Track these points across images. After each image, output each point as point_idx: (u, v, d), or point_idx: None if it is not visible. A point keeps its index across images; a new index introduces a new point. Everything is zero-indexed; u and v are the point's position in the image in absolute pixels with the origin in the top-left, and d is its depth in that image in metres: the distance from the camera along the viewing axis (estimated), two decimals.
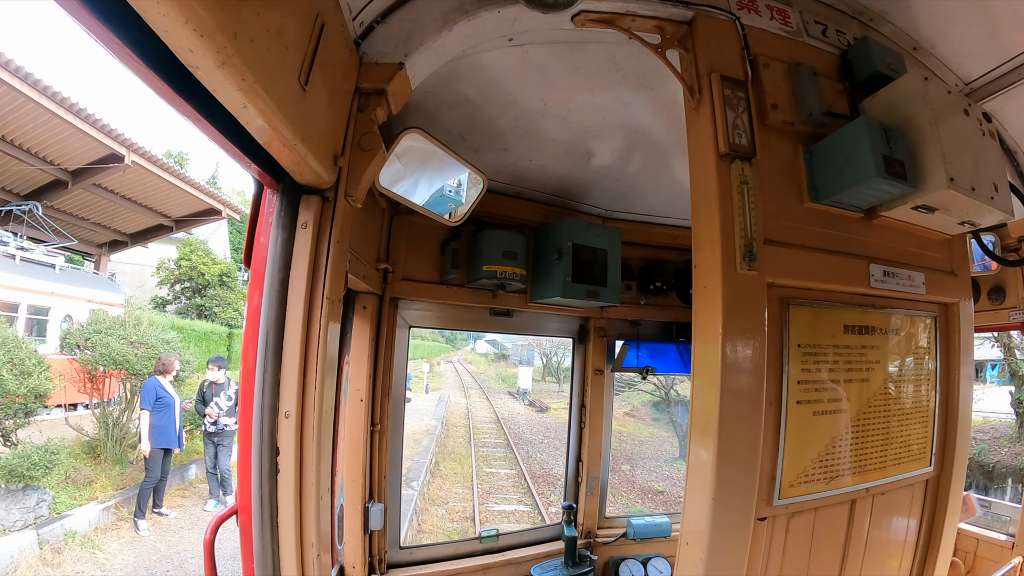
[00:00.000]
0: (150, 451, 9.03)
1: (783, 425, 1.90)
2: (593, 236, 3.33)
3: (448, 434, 20.05)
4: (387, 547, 3.21)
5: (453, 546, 3.55)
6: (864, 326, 2.15)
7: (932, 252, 2.40)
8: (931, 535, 2.50)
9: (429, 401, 26.88)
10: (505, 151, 3.12)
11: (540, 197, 3.61)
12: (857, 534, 2.20)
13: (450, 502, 12.98)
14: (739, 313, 1.79)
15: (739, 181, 1.84)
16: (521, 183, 3.45)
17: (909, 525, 2.44)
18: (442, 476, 14.82)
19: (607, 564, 3.88)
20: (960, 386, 2.46)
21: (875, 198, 1.97)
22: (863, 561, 2.24)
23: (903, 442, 2.31)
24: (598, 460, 3.97)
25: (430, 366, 39.83)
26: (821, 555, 2.12)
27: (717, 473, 1.74)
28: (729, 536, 1.79)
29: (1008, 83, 2.89)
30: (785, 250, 1.92)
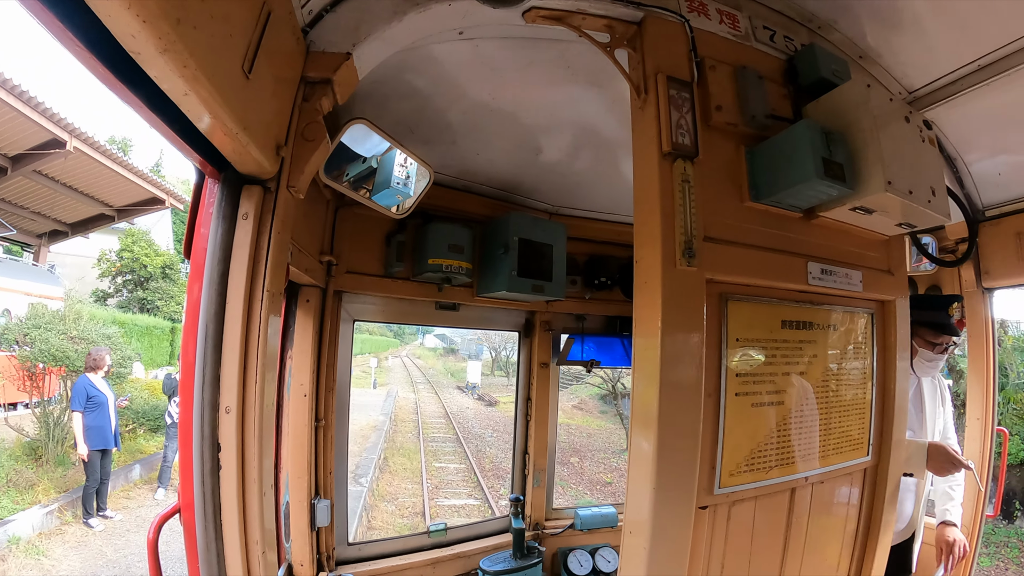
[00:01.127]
0: (87, 454, 8.62)
1: (722, 416, 1.89)
2: (539, 231, 3.28)
3: (396, 429, 19.66)
4: (335, 544, 3.14)
5: (402, 541, 3.49)
6: (802, 321, 2.14)
7: (870, 252, 2.40)
8: (870, 521, 2.50)
9: (377, 396, 26.31)
10: (453, 144, 3.05)
11: (488, 191, 3.56)
12: (798, 521, 2.19)
13: (400, 498, 12.78)
14: (678, 308, 1.76)
15: (681, 180, 1.81)
16: (469, 177, 3.40)
17: (849, 512, 2.44)
18: (391, 472, 14.58)
19: (555, 555, 3.86)
20: (896, 379, 2.47)
21: (814, 199, 1.96)
22: (804, 547, 2.24)
23: (841, 432, 2.31)
24: (544, 452, 3.93)
25: (377, 361, 38.96)
26: (763, 542, 2.11)
27: (657, 463, 1.72)
28: (671, 525, 1.77)
29: (949, 94, 2.90)
30: (724, 247, 1.90)
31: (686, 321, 1.77)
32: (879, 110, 1.92)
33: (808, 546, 2.25)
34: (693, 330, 1.79)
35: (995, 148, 3.48)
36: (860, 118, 1.92)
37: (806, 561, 2.26)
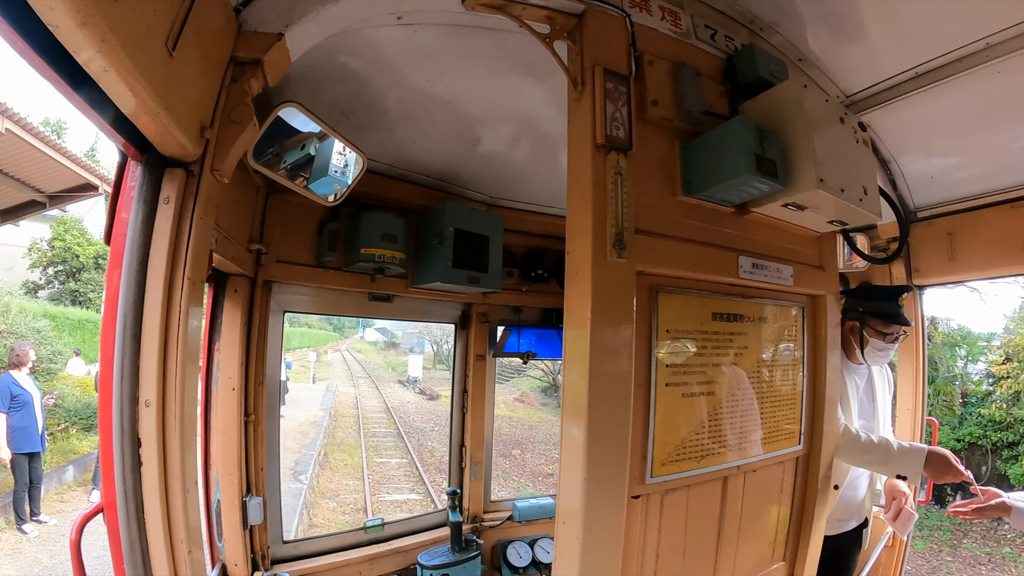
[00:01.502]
0: (11, 457, 8.01)
1: (652, 406, 1.89)
2: (476, 222, 3.25)
3: (337, 425, 19.18)
4: (269, 542, 3.03)
5: (338, 538, 3.41)
6: (732, 314, 2.16)
7: (802, 247, 2.43)
8: (803, 509, 2.55)
9: (316, 391, 25.68)
10: (389, 132, 2.98)
11: (424, 180, 3.49)
12: (731, 509, 2.22)
13: (341, 494, 12.47)
14: (608, 299, 1.75)
15: (614, 172, 1.80)
16: (405, 165, 3.32)
17: (782, 499, 2.48)
18: (332, 468, 14.20)
19: (495, 547, 3.84)
20: (827, 371, 2.51)
21: (746, 194, 1.97)
22: (739, 534, 2.27)
23: (773, 422, 2.34)
24: (481, 445, 3.90)
25: (317, 355, 37.84)
26: (697, 530, 2.12)
27: (588, 453, 1.71)
28: (603, 514, 1.76)
29: (885, 99, 2.95)
30: (656, 240, 1.90)
31: (616, 312, 1.77)
32: (814, 109, 1.95)
33: (742, 533, 2.28)
34: (623, 321, 1.78)
35: (928, 152, 3.55)
36: (795, 116, 1.93)
37: (741, 548, 2.29)
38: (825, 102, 2.02)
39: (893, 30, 2.49)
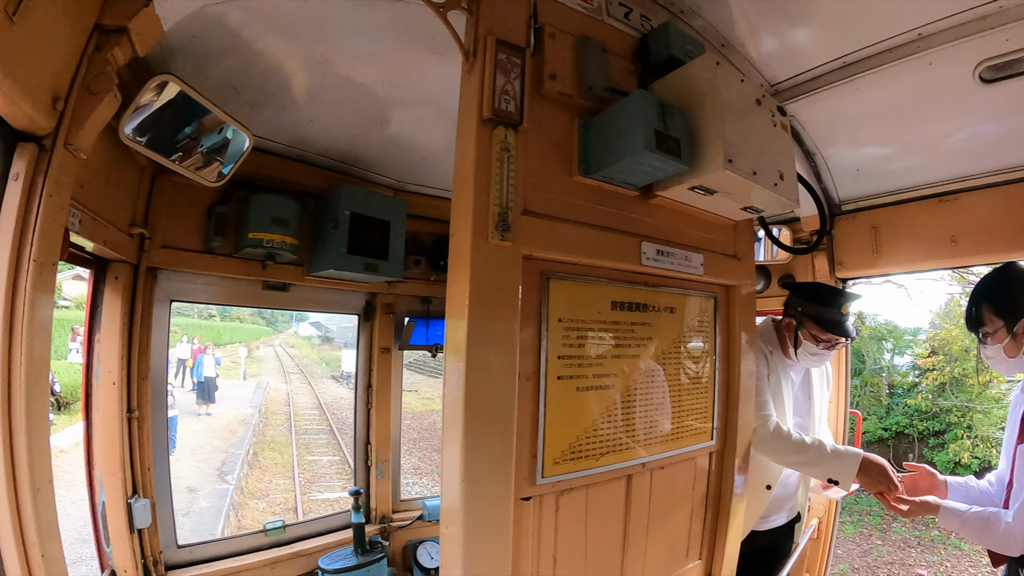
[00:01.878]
0: None
1: (542, 401, 1.73)
2: (375, 206, 3.06)
3: (267, 423, 18.64)
4: (162, 547, 2.80)
5: (237, 542, 3.18)
6: (635, 303, 2.01)
7: (715, 235, 2.31)
8: (719, 505, 2.44)
9: (246, 388, 25.10)
10: (284, 109, 2.76)
11: (325, 162, 3.26)
12: (638, 508, 2.07)
13: (271, 494, 12.04)
14: (488, 285, 1.59)
15: (500, 148, 1.64)
16: (304, 146, 3.10)
17: (695, 497, 2.35)
18: (261, 467, 13.70)
19: (405, 548, 3.68)
20: (740, 364, 2.40)
21: (647, 175, 1.82)
22: (648, 534, 2.13)
23: (682, 417, 2.21)
24: (387, 442, 3.72)
25: (248, 351, 36.72)
26: (600, 531, 1.97)
27: (465, 453, 1.55)
28: (486, 517, 1.61)
29: (811, 88, 2.87)
30: (547, 222, 1.74)
31: (498, 299, 1.60)
32: (726, 88, 1.81)
33: (652, 533, 2.14)
34: (505, 309, 1.62)
35: (855, 144, 3.50)
36: (705, 95, 1.80)
37: (651, 548, 2.15)
38: (741, 82, 1.89)
39: (821, 18, 2.41)
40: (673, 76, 1.95)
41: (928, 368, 13.37)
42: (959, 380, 12.85)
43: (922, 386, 13.39)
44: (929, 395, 13.18)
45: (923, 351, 14.01)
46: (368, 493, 3.68)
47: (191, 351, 20.50)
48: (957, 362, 12.89)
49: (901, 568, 10.09)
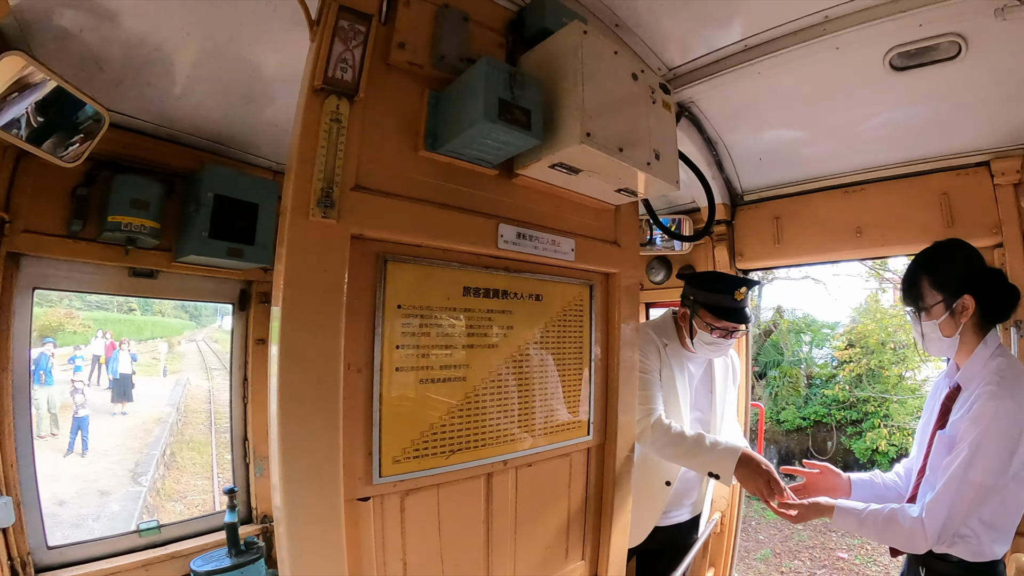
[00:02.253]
0: None
1: (377, 395, 1.58)
2: (242, 188, 2.86)
3: (186, 421, 18.16)
4: (30, 548, 2.57)
5: (111, 542, 2.95)
6: (492, 289, 1.87)
7: (591, 220, 2.20)
8: (601, 503, 2.34)
9: (165, 385, 24.40)
10: (150, 86, 2.56)
11: (198, 143, 3.05)
12: (501, 509, 1.95)
13: (189, 495, 11.59)
14: (307, 266, 1.44)
15: (330, 119, 1.49)
16: (173, 124, 2.88)
17: (572, 494, 2.24)
18: (179, 468, 13.23)
19: None
20: (620, 356, 2.30)
21: (495, 149, 1.68)
22: (516, 535, 2.01)
23: (552, 412, 2.09)
24: (266, 439, 3.50)
25: (169, 346, 35.52)
26: (457, 533, 1.83)
27: (283, 449, 1.40)
28: (312, 517, 1.45)
29: (710, 73, 2.80)
30: (385, 200, 1.59)
31: (318, 282, 1.45)
32: (593, 58, 1.68)
33: (522, 535, 2.02)
34: (328, 293, 1.46)
35: (757, 133, 3.46)
36: (567, 64, 1.67)
37: (522, 550, 2.03)
38: (614, 54, 1.77)
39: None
40: (539, 48, 1.83)
41: (845, 360, 13.77)
42: (875, 372, 13.29)
43: (840, 377, 13.77)
44: (847, 386, 13.60)
45: (841, 344, 14.43)
46: (248, 492, 3.48)
47: (105, 347, 19.63)
48: (874, 354, 13.33)
49: (822, 552, 10.36)
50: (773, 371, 15.05)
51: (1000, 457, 1.89)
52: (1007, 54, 2.44)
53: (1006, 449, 1.89)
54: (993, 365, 2.03)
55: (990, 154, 2.99)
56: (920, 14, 2.24)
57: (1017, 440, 1.89)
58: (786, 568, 9.84)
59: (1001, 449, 1.89)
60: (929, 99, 2.85)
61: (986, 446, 1.90)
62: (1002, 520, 1.99)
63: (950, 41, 2.41)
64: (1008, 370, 2.00)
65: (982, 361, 2.08)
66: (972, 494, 1.92)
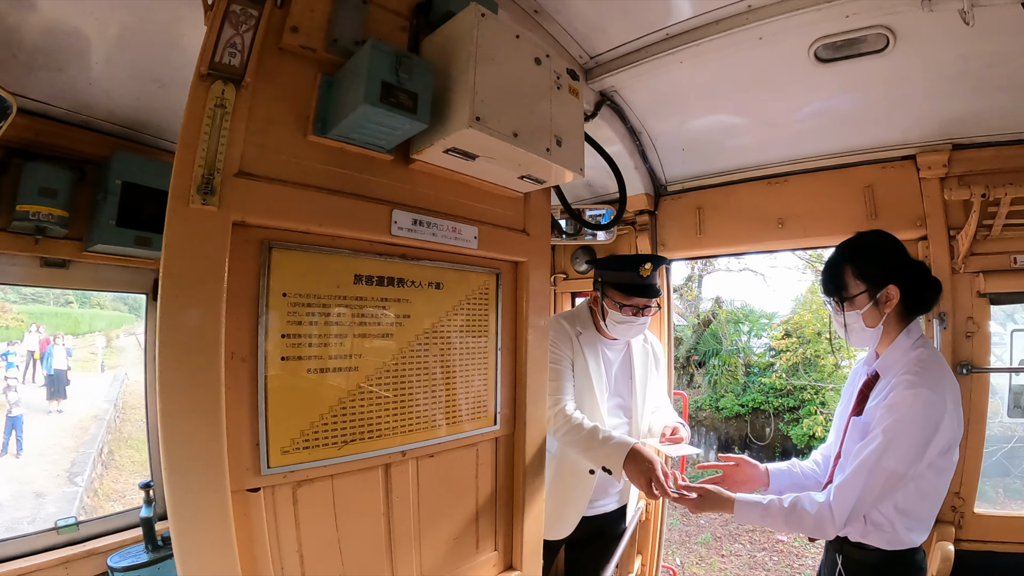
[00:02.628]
0: None
1: (262, 384, 1.55)
2: (152, 174, 2.79)
3: (125, 417, 17.65)
4: None
5: (29, 541, 2.87)
6: (387, 277, 1.84)
7: (497, 207, 2.19)
8: (512, 493, 2.34)
9: (103, 381, 23.54)
10: (61, 71, 2.47)
11: (111, 129, 2.94)
12: (401, 501, 1.92)
13: (128, 495, 11.29)
14: (187, 255, 1.39)
15: (214, 104, 1.45)
16: (87, 111, 2.78)
17: (480, 485, 2.23)
18: (117, 467, 12.91)
19: None
20: (529, 345, 2.29)
21: (382, 133, 1.65)
22: (419, 526, 1.98)
23: (453, 402, 2.08)
24: None
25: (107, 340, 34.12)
26: (355, 525, 1.80)
27: (165, 439, 1.36)
28: (202, 509, 1.42)
29: (632, 61, 2.81)
30: (269, 186, 1.55)
31: (198, 271, 1.41)
32: (489, 41, 1.66)
33: (426, 526, 2.01)
34: (208, 282, 1.42)
35: (681, 123, 3.49)
36: (462, 47, 1.65)
37: (428, 542, 2.02)
38: (516, 38, 1.75)
39: None
40: (439, 31, 1.80)
41: (782, 349, 14.26)
42: (812, 361, 13.80)
43: (777, 366, 14.26)
44: (784, 374, 14.09)
45: (778, 334, 14.91)
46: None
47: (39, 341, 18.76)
48: (810, 344, 13.84)
49: (762, 535, 10.67)
50: (713, 360, 15.45)
51: (915, 446, 1.93)
52: (935, 47, 2.50)
53: (921, 438, 1.93)
54: (914, 355, 2.07)
55: (917, 148, 3.08)
56: (847, 5, 2.28)
57: (933, 430, 1.93)
58: (727, 551, 10.09)
59: (917, 438, 1.93)
60: (856, 92, 2.90)
61: (901, 435, 1.94)
62: (917, 509, 2.04)
63: (877, 33, 2.46)
64: (929, 360, 2.05)
65: (903, 350, 2.11)
66: (883, 481, 1.95)
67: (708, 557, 9.84)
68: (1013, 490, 3.28)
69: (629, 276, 2.77)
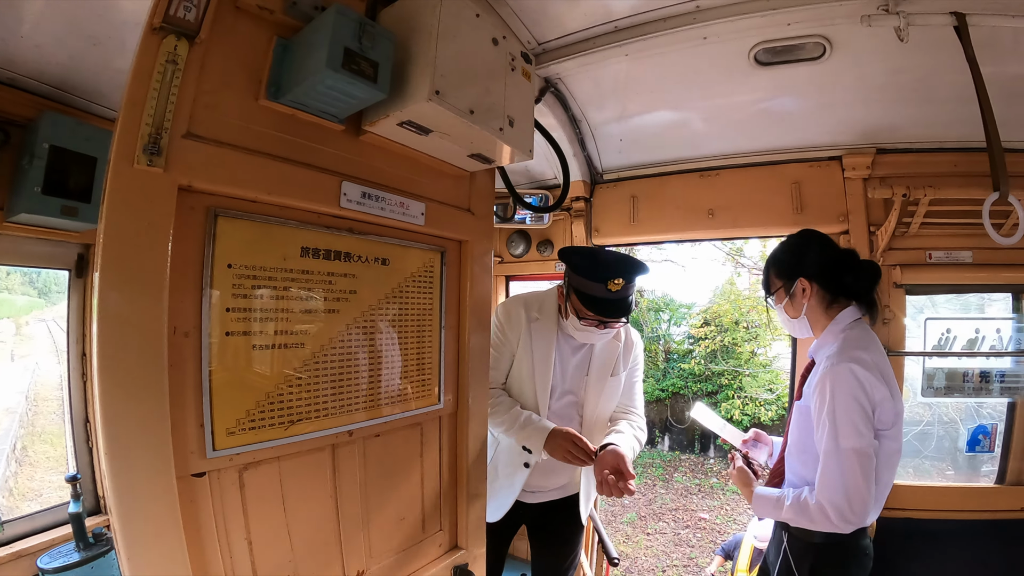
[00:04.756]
0: None
1: (207, 361, 1.47)
2: (82, 139, 2.60)
3: (37, 410, 16.67)
4: None
5: None
6: (333, 251, 1.79)
7: (444, 185, 2.17)
8: (457, 471, 2.34)
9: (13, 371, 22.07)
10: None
11: (40, 88, 2.71)
12: (349, 482, 1.89)
13: (44, 493, 10.73)
14: (129, 219, 1.30)
15: (165, 59, 1.36)
16: (13, 67, 2.55)
17: (426, 464, 2.21)
18: (31, 463, 12.27)
19: None
20: (470, 324, 2.30)
21: (339, 101, 1.60)
22: (367, 507, 1.95)
23: (398, 380, 2.05)
24: None
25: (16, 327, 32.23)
26: (304, 509, 1.75)
27: (105, 420, 1.27)
28: (145, 496, 1.33)
29: (579, 51, 2.85)
30: (218, 149, 1.47)
31: (141, 237, 1.32)
32: (451, 16, 1.65)
33: (374, 507, 1.98)
34: (151, 249, 1.34)
35: (621, 114, 3.55)
36: (424, 20, 1.63)
37: (376, 523, 1.99)
38: (476, 17, 1.75)
39: None
40: (400, 2, 1.77)
41: (701, 337, 14.87)
42: (729, 348, 14.49)
43: (696, 353, 14.89)
44: (702, 360, 14.75)
45: (697, 322, 15.53)
46: (93, 479, 3.21)
47: None
48: (727, 332, 14.53)
49: (684, 513, 11.14)
50: None
51: (858, 418, 2.02)
52: (869, 59, 2.69)
53: (859, 409, 2.02)
54: (842, 337, 2.20)
55: (844, 150, 3.30)
56: (791, 13, 2.38)
57: (867, 400, 2.03)
58: (652, 529, 10.48)
59: (856, 410, 2.02)
60: (790, 95, 3.06)
61: (840, 412, 2.03)
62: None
63: (815, 42, 2.61)
64: (853, 340, 2.17)
65: (833, 335, 2.25)
66: (855, 461, 2.00)
67: (634, 536, 10.19)
68: (923, 470, 3.53)
69: (594, 287, 2.50)
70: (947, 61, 2.46)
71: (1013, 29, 2.31)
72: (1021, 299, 3.32)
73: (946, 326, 3.34)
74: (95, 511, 3.22)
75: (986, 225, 2.42)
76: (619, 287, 2.47)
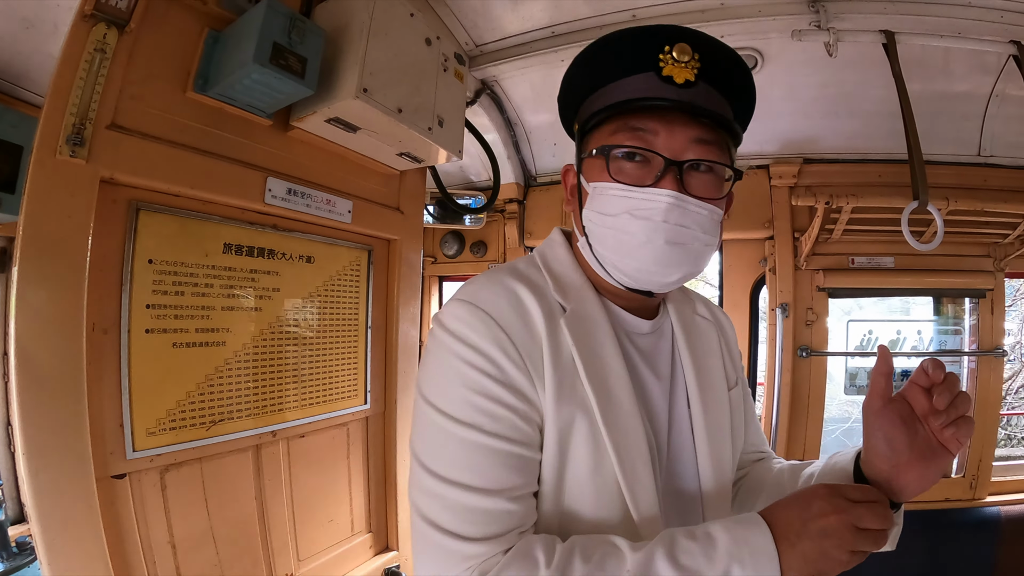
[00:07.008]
0: None
1: (126, 359, 1.50)
2: (6, 126, 2.49)
3: None
4: None
5: None
6: (256, 248, 1.83)
7: (373, 183, 2.24)
8: (385, 473, 2.39)
9: None
10: None
11: None
12: (273, 484, 1.92)
13: None
14: (50, 212, 1.32)
15: (94, 48, 1.38)
16: None
17: (352, 464, 2.27)
18: None
19: None
20: (399, 325, 2.36)
21: (266, 95, 1.65)
22: (293, 508, 1.99)
23: (322, 380, 2.10)
24: None
25: None
26: (228, 511, 1.78)
27: (23, 420, 1.29)
28: (64, 498, 1.34)
29: (516, 54, 2.92)
30: (143, 142, 1.50)
31: (61, 230, 1.34)
32: (384, 15, 1.73)
33: (300, 509, 2.02)
34: (71, 243, 1.36)
35: (554, 119, 3.59)
36: (356, 19, 1.70)
37: (303, 524, 2.03)
38: (410, 16, 1.83)
39: None
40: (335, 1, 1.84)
41: None
42: None
43: None
44: None
45: None
46: (16, 486, 3.05)
47: None
48: None
49: None
50: None
51: None
52: (798, 73, 2.84)
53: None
54: None
55: (771, 159, 3.47)
56: (725, 26, 2.50)
57: None
58: None
59: None
60: None
61: None
62: None
63: (747, 55, 2.74)
64: None
65: None
66: None
67: None
68: None
69: (633, 86, 0.94)
70: (874, 77, 2.65)
71: (943, 49, 2.53)
72: (942, 303, 3.59)
73: (868, 328, 3.59)
74: (19, 520, 3.10)
75: (905, 232, 2.59)
76: (687, 70, 0.97)
